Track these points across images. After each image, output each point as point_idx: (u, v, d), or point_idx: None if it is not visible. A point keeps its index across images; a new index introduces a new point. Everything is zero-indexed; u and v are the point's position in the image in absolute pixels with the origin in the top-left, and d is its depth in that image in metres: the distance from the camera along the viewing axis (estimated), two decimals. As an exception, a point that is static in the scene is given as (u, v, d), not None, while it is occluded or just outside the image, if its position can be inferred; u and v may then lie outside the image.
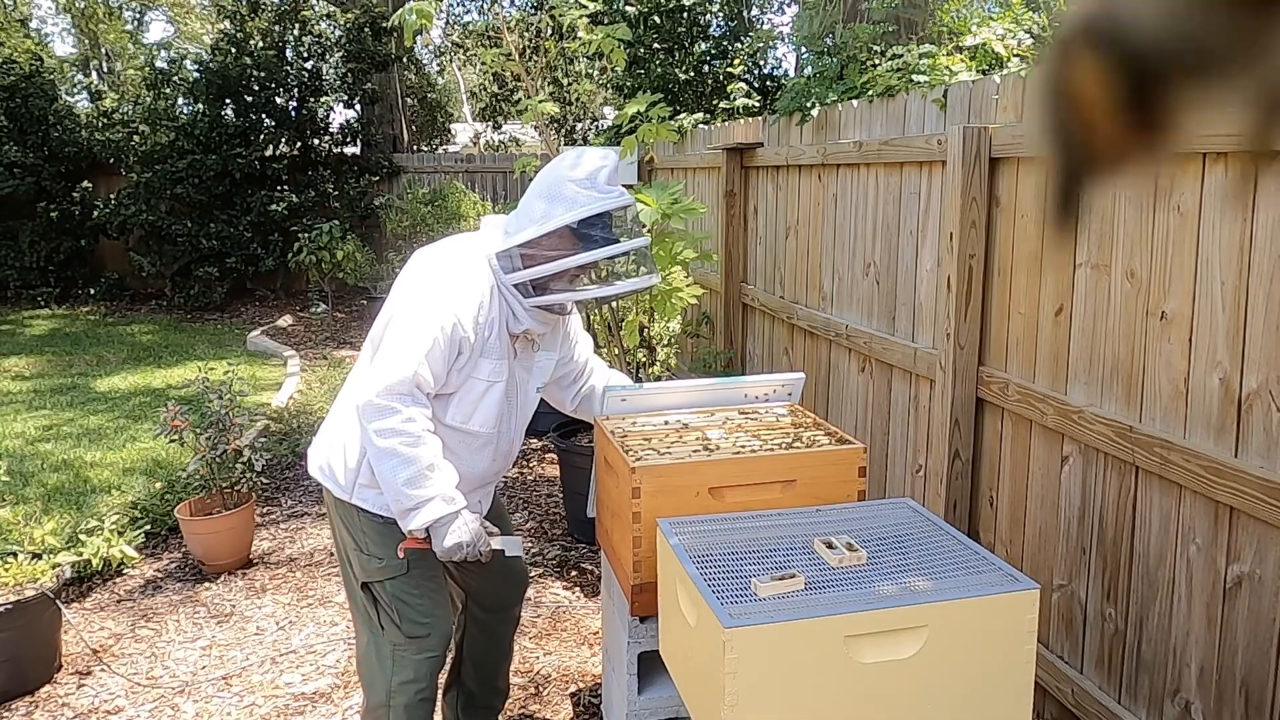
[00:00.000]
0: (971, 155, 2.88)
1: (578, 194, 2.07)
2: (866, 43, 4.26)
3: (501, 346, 2.17)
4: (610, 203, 2.09)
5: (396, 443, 2.00)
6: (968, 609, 1.57)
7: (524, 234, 2.10)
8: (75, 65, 21.37)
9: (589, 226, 2.08)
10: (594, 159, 2.11)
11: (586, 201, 2.07)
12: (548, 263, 2.09)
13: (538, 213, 2.09)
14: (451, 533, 2.04)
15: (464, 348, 2.09)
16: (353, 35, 11.47)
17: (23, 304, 11.04)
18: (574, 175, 2.09)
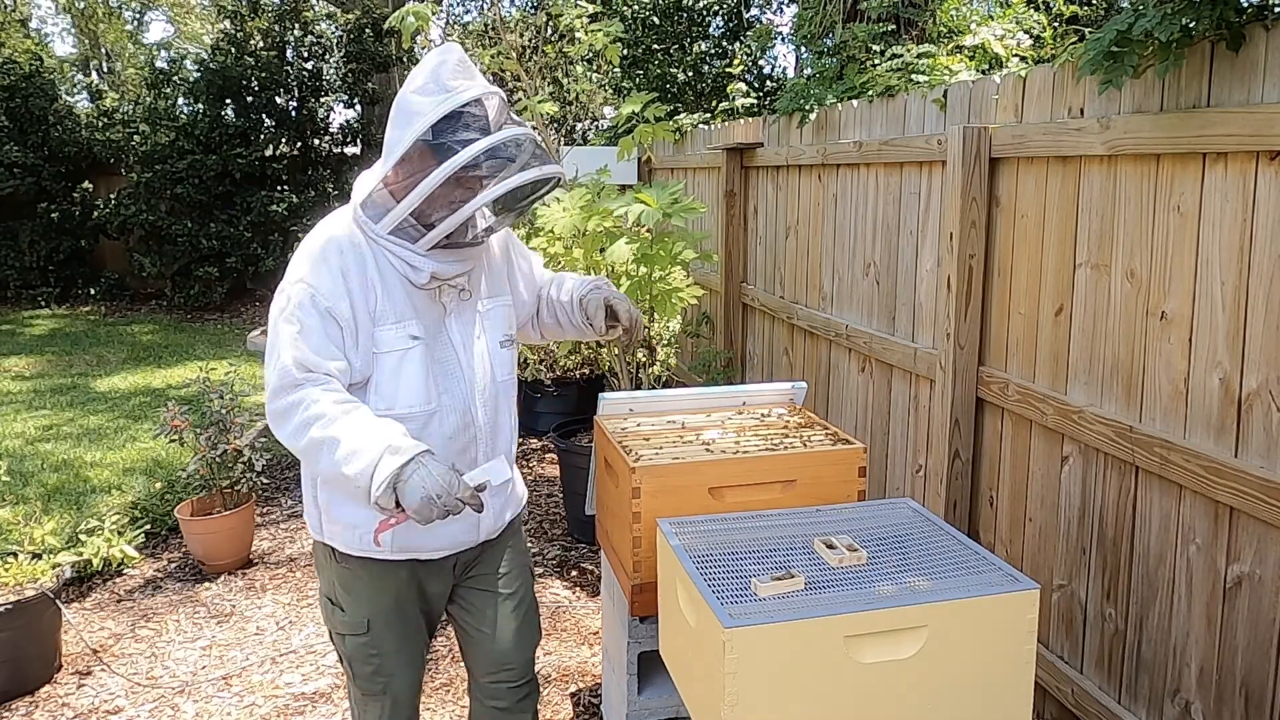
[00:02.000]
0: (971, 155, 2.88)
1: (419, 103, 1.76)
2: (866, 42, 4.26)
3: (402, 307, 1.88)
4: (455, 98, 1.74)
5: (311, 432, 1.74)
6: (968, 609, 1.57)
7: (382, 170, 1.83)
8: (75, 65, 21.37)
9: (444, 136, 1.74)
10: (430, 59, 1.80)
11: (430, 107, 1.74)
12: (410, 192, 1.77)
13: (391, 142, 1.80)
14: (414, 488, 1.69)
15: (340, 320, 1.81)
16: (353, 36, 11.48)
17: (23, 304, 11.04)
18: (415, 84, 1.79)
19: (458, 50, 1.80)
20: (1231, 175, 2.05)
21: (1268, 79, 1.94)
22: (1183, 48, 2.06)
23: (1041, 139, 2.62)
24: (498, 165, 1.78)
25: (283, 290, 1.83)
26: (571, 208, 3.90)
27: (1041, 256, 2.70)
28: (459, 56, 1.80)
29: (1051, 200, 2.65)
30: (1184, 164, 2.18)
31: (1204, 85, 2.10)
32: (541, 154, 1.81)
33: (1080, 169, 2.53)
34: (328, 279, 1.81)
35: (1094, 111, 2.45)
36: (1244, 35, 1.97)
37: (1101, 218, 2.46)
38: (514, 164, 1.78)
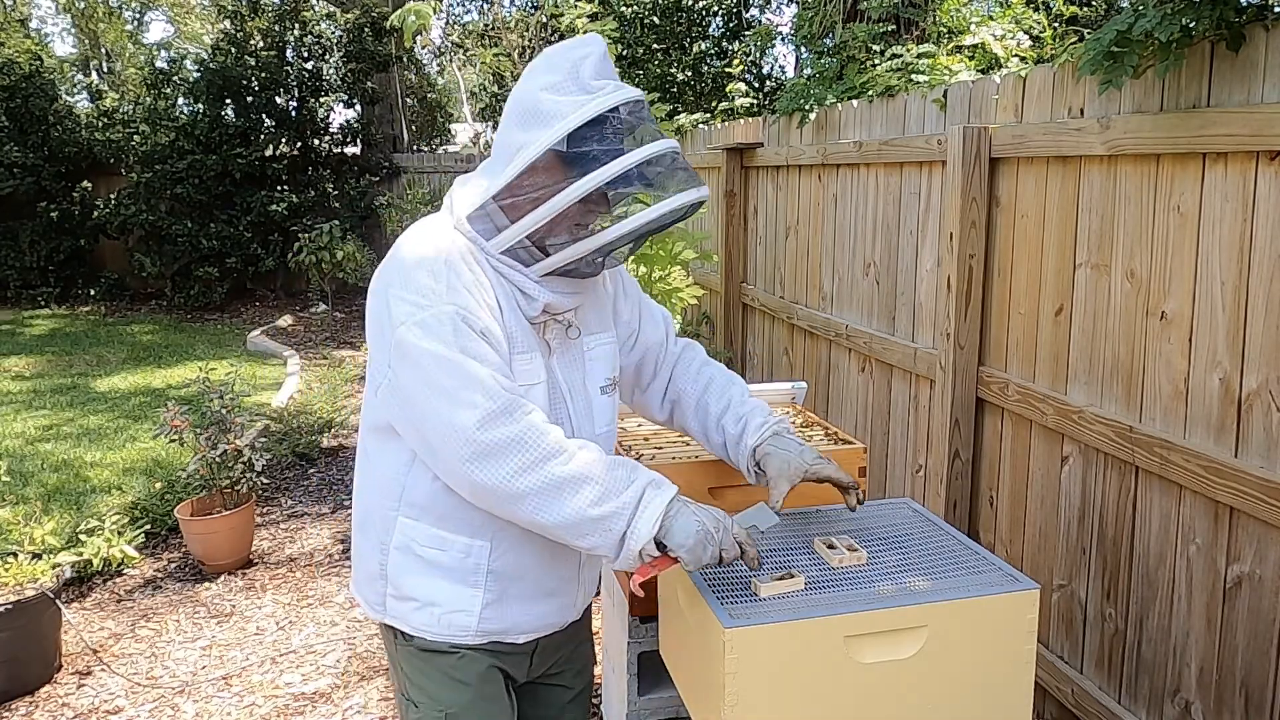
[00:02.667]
0: (971, 155, 2.88)
1: (557, 103, 1.46)
2: (866, 42, 4.26)
3: (525, 337, 1.58)
4: (604, 100, 1.46)
5: (550, 469, 1.43)
6: (968, 609, 1.57)
7: (499, 180, 1.50)
8: (75, 65, 21.38)
9: (583, 143, 1.45)
10: (569, 51, 1.50)
11: (571, 109, 1.45)
12: (537, 207, 1.47)
13: (513, 145, 1.49)
14: (685, 524, 1.45)
15: (494, 343, 1.49)
16: (353, 35, 11.48)
17: (23, 304, 11.04)
18: (548, 80, 1.48)
19: (600, 44, 1.52)
20: (1231, 175, 2.05)
21: (1268, 79, 1.94)
22: (1183, 48, 2.06)
23: (1041, 139, 2.62)
24: (651, 183, 1.50)
25: (410, 323, 1.45)
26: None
27: (1041, 256, 2.70)
28: (602, 51, 1.51)
29: (1051, 200, 2.65)
30: (1184, 164, 2.18)
31: (1204, 85, 2.10)
32: (691, 171, 1.54)
33: (1080, 169, 2.53)
34: (466, 295, 1.48)
35: (1094, 111, 2.45)
36: (1244, 35, 1.97)
37: (1101, 218, 2.46)
38: (670, 184, 1.50)
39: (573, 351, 1.68)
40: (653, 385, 1.90)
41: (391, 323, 1.49)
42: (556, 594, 1.67)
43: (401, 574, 1.60)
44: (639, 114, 1.51)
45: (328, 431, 6.02)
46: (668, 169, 1.51)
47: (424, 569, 1.59)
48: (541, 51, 1.56)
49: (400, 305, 1.48)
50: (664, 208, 1.49)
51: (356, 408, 6.81)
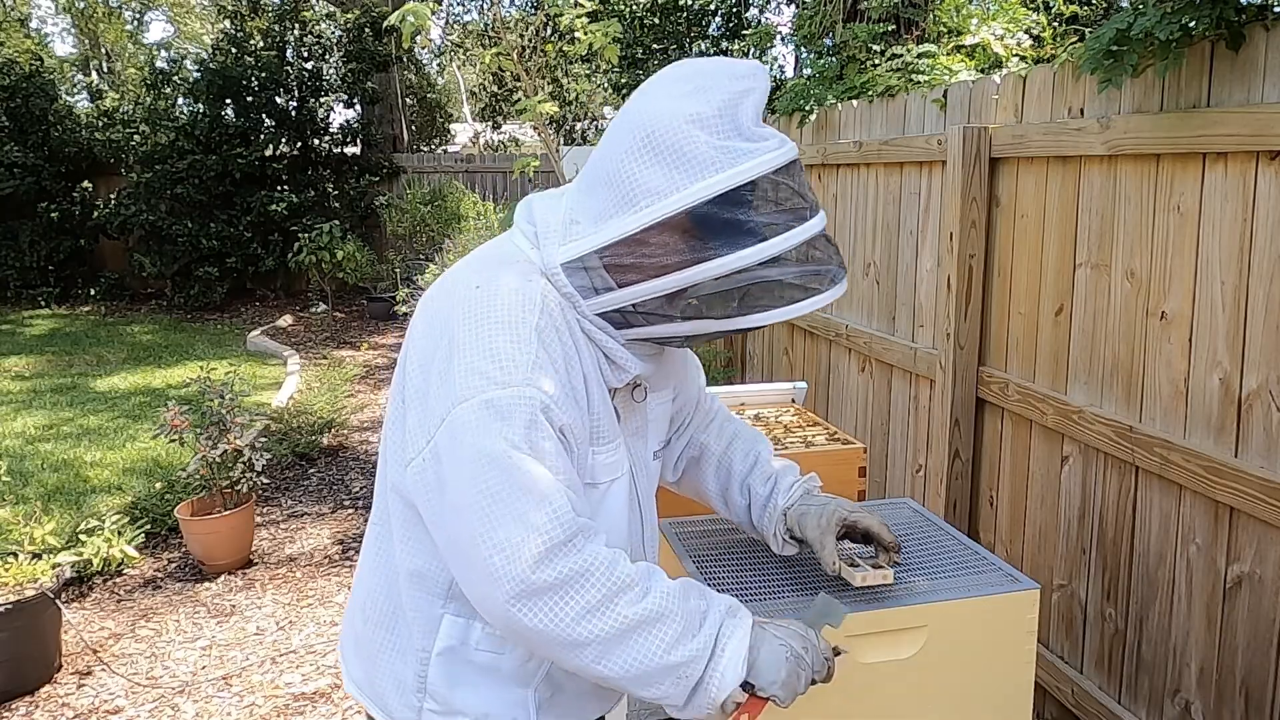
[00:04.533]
0: (971, 155, 2.88)
1: (710, 149, 1.15)
2: (866, 42, 4.26)
3: (610, 421, 1.31)
4: (770, 159, 1.17)
5: (620, 610, 1.16)
6: (968, 609, 1.57)
7: (611, 227, 1.19)
8: (75, 65, 21.38)
9: (733, 207, 1.16)
10: (726, 80, 1.18)
11: (726, 160, 1.15)
12: (660, 276, 1.18)
13: (638, 187, 1.17)
14: (773, 656, 1.23)
15: (573, 441, 1.22)
16: (353, 35, 11.49)
17: (23, 304, 11.04)
18: (698, 111, 1.16)
19: (765, 79, 1.22)
20: (1231, 175, 2.05)
21: (1268, 79, 1.94)
22: (1182, 47, 2.06)
23: (1041, 139, 2.62)
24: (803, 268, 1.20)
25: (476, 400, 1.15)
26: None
27: (1041, 256, 2.70)
28: (766, 89, 1.21)
29: (1051, 200, 2.65)
30: (1184, 164, 2.18)
31: (1204, 85, 2.10)
32: (838, 251, 1.26)
33: (1080, 169, 2.53)
34: (551, 378, 1.18)
35: (1094, 111, 2.45)
36: (1244, 35, 1.97)
37: (1101, 218, 2.46)
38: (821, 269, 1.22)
39: (637, 416, 1.41)
40: (674, 442, 1.65)
41: (451, 389, 1.17)
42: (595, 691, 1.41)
43: (449, 686, 1.31)
44: (797, 175, 1.21)
45: (328, 431, 6.02)
46: (823, 249, 1.23)
47: (476, 676, 1.32)
48: (679, 62, 1.27)
49: (467, 373, 1.16)
50: (814, 302, 1.21)
51: (357, 407, 6.81)
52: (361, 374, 7.96)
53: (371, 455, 5.73)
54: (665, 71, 1.26)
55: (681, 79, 1.22)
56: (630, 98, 1.27)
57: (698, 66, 1.23)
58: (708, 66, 1.23)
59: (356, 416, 6.60)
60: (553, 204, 1.31)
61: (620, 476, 1.34)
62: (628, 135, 1.20)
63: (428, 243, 10.33)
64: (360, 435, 6.16)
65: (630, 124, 1.21)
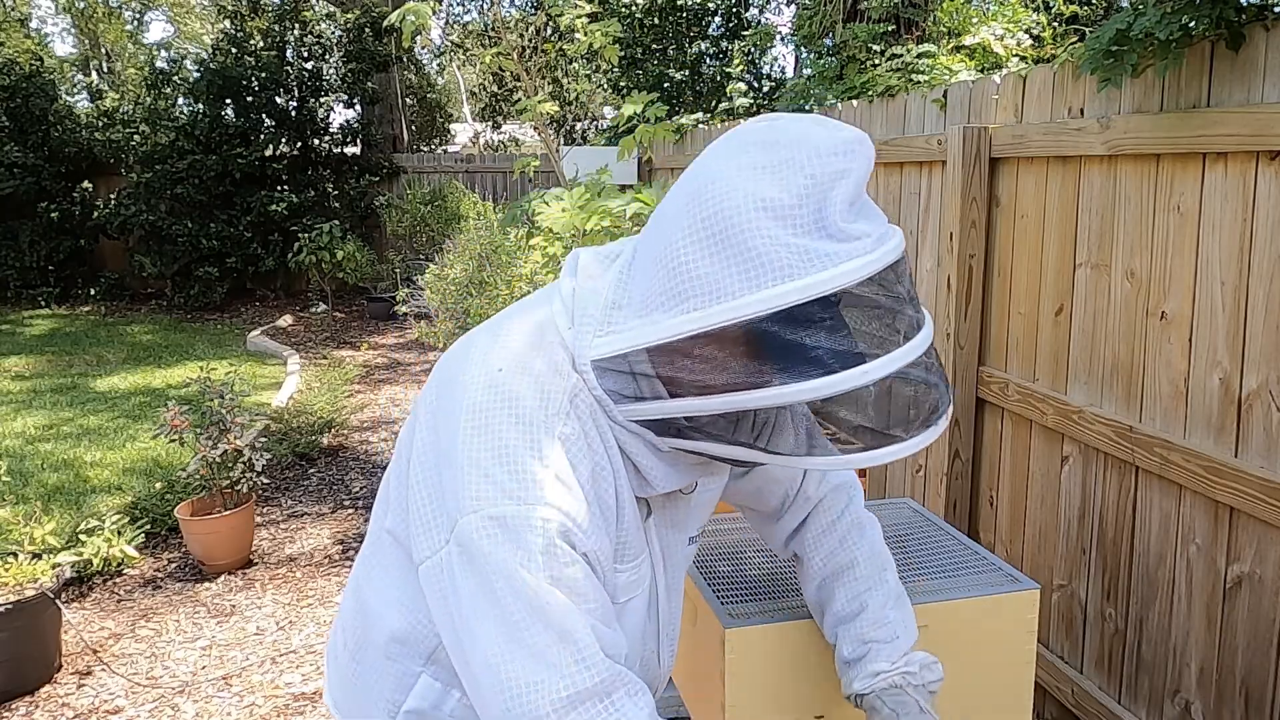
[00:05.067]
0: (971, 155, 2.88)
1: (787, 249, 0.91)
2: (866, 42, 4.26)
3: (635, 534, 1.13)
4: (864, 265, 0.92)
5: None
6: (968, 609, 1.57)
7: (654, 326, 0.97)
8: (75, 65, 21.38)
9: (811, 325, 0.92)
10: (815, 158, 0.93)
11: (805, 265, 0.91)
12: (713, 394, 0.96)
13: (691, 280, 0.95)
14: None
15: (599, 567, 1.06)
16: (353, 35, 11.49)
17: (23, 304, 11.04)
18: (774, 197, 0.92)
19: (866, 159, 0.95)
20: (1231, 175, 2.05)
21: (1268, 79, 1.94)
22: (1182, 47, 2.06)
23: (1041, 139, 2.62)
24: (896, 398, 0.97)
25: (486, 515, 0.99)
26: (571, 207, 3.90)
27: (1041, 256, 2.70)
28: (865, 172, 0.95)
29: (1051, 200, 2.65)
30: (1184, 164, 2.18)
31: (1204, 85, 2.10)
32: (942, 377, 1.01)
33: (1080, 169, 2.53)
34: (575, 497, 1.01)
35: (1094, 111, 2.45)
36: (1244, 35, 1.97)
37: (1101, 218, 2.46)
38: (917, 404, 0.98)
39: (679, 508, 1.22)
40: (780, 523, 1.42)
41: (460, 489, 1.01)
42: None
43: None
44: (894, 283, 0.95)
45: (328, 431, 6.02)
46: (922, 376, 0.97)
47: None
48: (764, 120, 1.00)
49: (479, 478, 1.00)
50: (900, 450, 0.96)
51: (357, 407, 6.81)
52: (361, 374, 7.96)
53: (372, 455, 5.73)
54: (745, 130, 1.00)
55: (760, 146, 0.96)
56: (701, 156, 1.03)
57: (782, 132, 0.97)
58: (794, 133, 0.96)
59: (356, 416, 6.60)
60: (600, 269, 1.08)
61: (637, 595, 1.16)
62: (686, 208, 0.97)
63: (428, 243, 10.33)
64: (360, 435, 6.16)
65: (692, 193, 0.97)
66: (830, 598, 1.39)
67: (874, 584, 1.37)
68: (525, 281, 5.82)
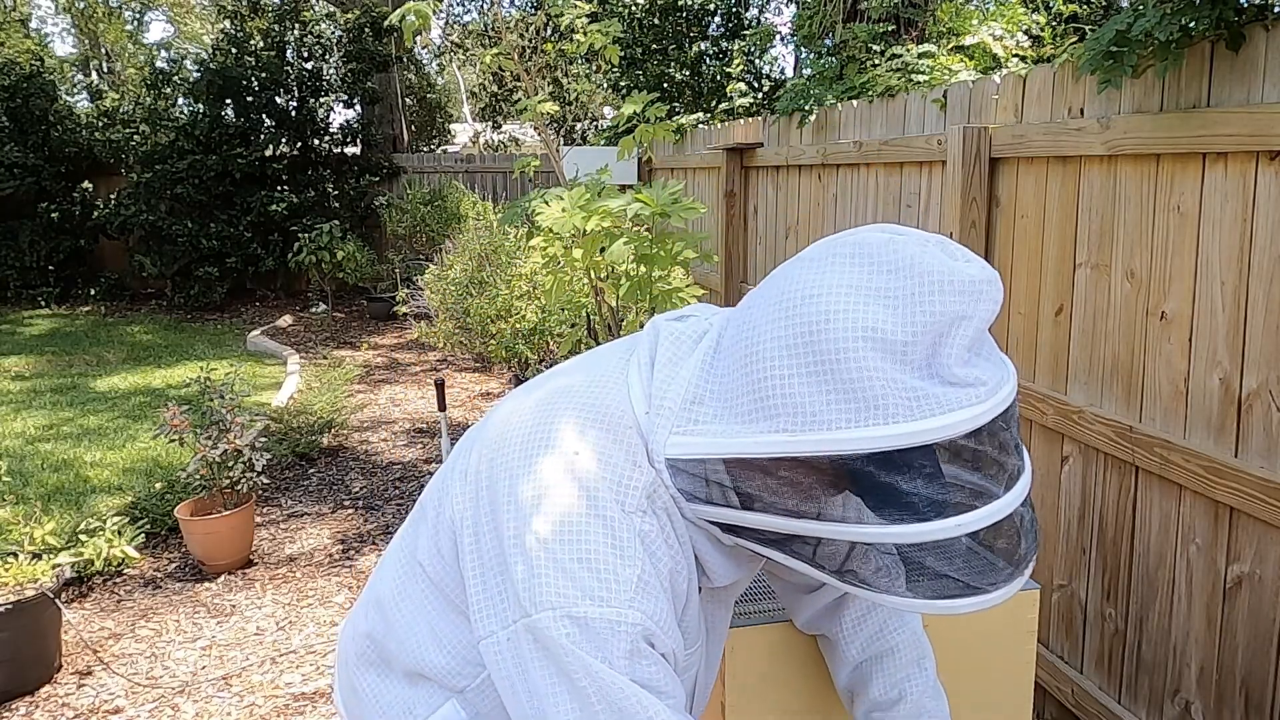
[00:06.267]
0: (971, 155, 2.88)
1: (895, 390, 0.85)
2: (866, 42, 4.26)
3: (696, 621, 1.11)
4: (980, 414, 0.85)
5: None
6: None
7: (739, 438, 0.92)
8: (75, 65, 21.38)
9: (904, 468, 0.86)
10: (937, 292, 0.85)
11: (911, 410, 0.85)
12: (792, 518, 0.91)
13: (784, 400, 0.88)
14: None
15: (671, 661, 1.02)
16: (353, 35, 11.48)
17: (23, 304, 11.04)
18: (885, 330, 0.85)
19: (995, 292, 0.88)
20: (1231, 175, 2.05)
21: (1268, 79, 1.94)
22: (1182, 47, 2.06)
23: (1041, 139, 2.62)
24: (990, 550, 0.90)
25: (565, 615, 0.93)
26: (571, 207, 3.90)
27: (1041, 256, 2.71)
28: (993, 310, 0.88)
29: (1051, 200, 2.65)
30: (1184, 164, 2.18)
31: (1204, 85, 2.10)
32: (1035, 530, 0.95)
33: (1080, 169, 2.53)
34: (658, 598, 0.97)
35: (1094, 111, 2.46)
36: (1244, 35, 1.97)
37: (1101, 218, 2.46)
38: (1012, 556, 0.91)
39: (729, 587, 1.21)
40: (812, 595, 1.34)
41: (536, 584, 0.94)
42: None
43: None
44: (1001, 431, 0.88)
45: (328, 431, 6.02)
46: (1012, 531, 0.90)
47: None
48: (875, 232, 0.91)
49: (557, 574, 0.93)
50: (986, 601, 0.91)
51: (357, 407, 6.81)
52: (361, 374, 7.96)
53: (372, 455, 5.73)
54: (858, 240, 0.91)
55: (875, 265, 0.87)
56: (803, 258, 0.94)
57: (903, 254, 0.87)
58: (916, 258, 0.86)
59: (356, 416, 6.60)
60: (684, 355, 1.01)
61: (690, 669, 1.13)
62: (784, 319, 0.89)
63: (428, 243, 10.33)
64: (360, 435, 6.16)
65: (790, 304, 0.89)
66: (867, 684, 1.32)
67: (913, 672, 1.31)
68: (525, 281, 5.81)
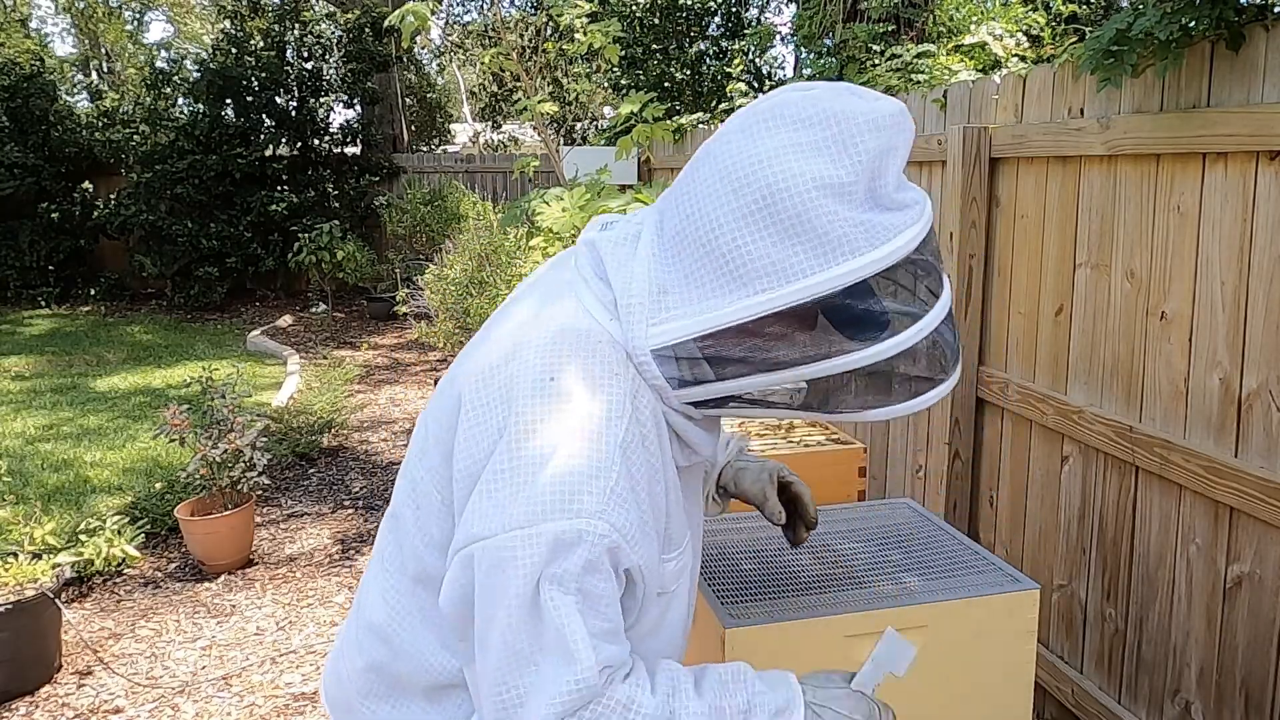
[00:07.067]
0: (971, 155, 2.88)
1: (848, 225, 0.95)
2: (866, 42, 4.26)
3: (680, 516, 1.14)
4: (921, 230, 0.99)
5: None
6: (968, 609, 1.57)
7: (718, 310, 0.99)
8: (75, 65, 21.37)
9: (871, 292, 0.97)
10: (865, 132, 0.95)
11: (866, 239, 0.95)
12: (776, 369, 1.00)
13: (753, 264, 0.97)
14: None
15: (642, 576, 1.05)
16: (353, 35, 11.48)
17: (23, 304, 11.04)
18: (832, 176, 0.95)
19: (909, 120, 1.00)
20: (1231, 175, 2.05)
21: (1268, 79, 1.94)
22: (1182, 47, 2.06)
23: (1041, 139, 2.62)
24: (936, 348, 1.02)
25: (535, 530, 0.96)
26: (571, 208, 3.90)
27: (1041, 256, 2.71)
28: (911, 136, 1.00)
29: (1051, 200, 2.65)
30: (1184, 164, 2.18)
31: (1204, 85, 2.10)
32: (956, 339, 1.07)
33: (1080, 169, 2.53)
34: (631, 507, 1.00)
35: (1094, 111, 2.45)
36: (1244, 35, 1.97)
37: (1101, 218, 2.46)
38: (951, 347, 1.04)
39: (694, 473, 1.25)
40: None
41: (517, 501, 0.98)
42: None
43: None
44: (933, 238, 1.02)
45: (328, 431, 6.02)
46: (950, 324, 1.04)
47: None
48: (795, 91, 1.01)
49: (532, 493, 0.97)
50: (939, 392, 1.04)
51: (357, 407, 6.81)
52: (361, 374, 7.96)
53: (372, 455, 5.73)
54: (777, 104, 1.00)
55: (804, 123, 0.97)
56: (728, 133, 1.01)
57: (824, 107, 0.97)
58: (837, 107, 0.97)
59: (356, 416, 6.60)
60: (628, 257, 1.06)
61: (684, 579, 1.16)
62: (733, 192, 0.97)
63: (428, 243, 10.33)
64: (360, 435, 6.16)
65: (735, 177, 0.97)
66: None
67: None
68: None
